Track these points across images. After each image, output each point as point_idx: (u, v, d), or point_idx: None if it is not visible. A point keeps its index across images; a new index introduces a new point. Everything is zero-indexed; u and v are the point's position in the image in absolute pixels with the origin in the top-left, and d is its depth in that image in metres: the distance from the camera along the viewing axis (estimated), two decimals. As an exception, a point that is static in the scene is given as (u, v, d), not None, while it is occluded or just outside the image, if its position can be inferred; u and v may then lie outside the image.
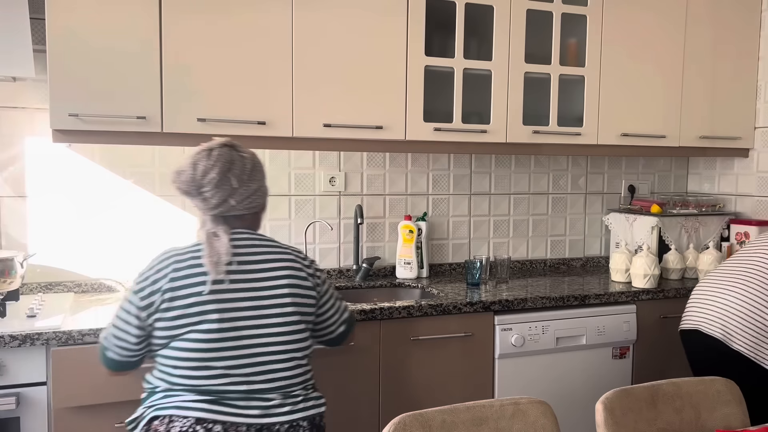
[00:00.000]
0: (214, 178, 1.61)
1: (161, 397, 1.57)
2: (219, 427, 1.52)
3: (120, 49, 2.16)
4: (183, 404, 1.53)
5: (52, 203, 2.46)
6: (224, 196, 1.63)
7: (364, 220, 2.77)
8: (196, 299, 1.56)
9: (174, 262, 1.59)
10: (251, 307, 1.59)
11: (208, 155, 1.63)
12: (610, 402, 1.62)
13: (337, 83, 2.43)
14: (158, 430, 1.53)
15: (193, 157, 1.64)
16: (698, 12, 3.01)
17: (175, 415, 1.52)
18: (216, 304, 1.56)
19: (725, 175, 3.35)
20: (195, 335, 1.55)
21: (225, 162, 1.63)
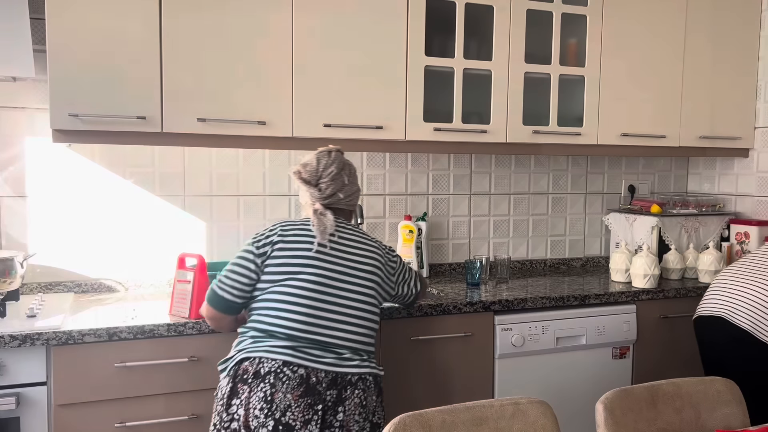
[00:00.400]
0: (332, 172, 1.96)
1: (250, 342, 1.80)
2: (302, 370, 1.74)
3: (120, 49, 2.16)
4: (271, 349, 1.76)
5: (52, 203, 2.46)
6: (335, 190, 1.96)
7: (364, 220, 2.77)
8: (301, 253, 1.86)
9: (282, 226, 1.92)
10: (342, 272, 1.88)
11: (328, 155, 1.99)
12: (610, 402, 1.62)
13: (337, 83, 2.43)
14: (248, 369, 1.74)
15: (317, 155, 1.99)
16: (698, 12, 3.01)
17: (264, 357, 1.75)
18: (316, 261, 1.86)
19: (725, 175, 3.35)
20: (293, 282, 1.83)
21: (340, 162, 1.99)
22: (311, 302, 1.82)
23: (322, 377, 1.75)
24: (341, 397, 1.76)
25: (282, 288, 1.83)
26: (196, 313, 2.10)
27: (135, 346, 2.01)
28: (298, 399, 1.71)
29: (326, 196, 1.95)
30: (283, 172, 2.76)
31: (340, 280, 1.87)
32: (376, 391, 1.85)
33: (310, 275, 1.84)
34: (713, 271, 2.84)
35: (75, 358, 1.95)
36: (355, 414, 1.77)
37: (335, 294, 1.85)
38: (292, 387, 1.71)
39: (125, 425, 2.00)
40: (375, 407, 1.84)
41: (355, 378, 1.80)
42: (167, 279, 2.59)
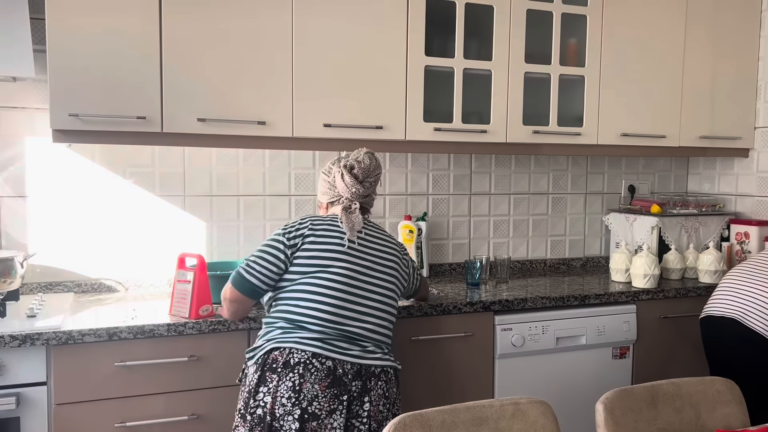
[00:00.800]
0: (378, 174, 2.05)
1: (279, 333, 1.85)
2: (330, 362, 1.79)
3: (120, 50, 2.16)
4: (300, 340, 1.81)
5: (52, 203, 2.46)
6: (371, 191, 2.04)
7: (364, 220, 2.77)
8: (332, 248, 1.91)
9: (312, 221, 1.97)
10: (369, 267, 1.94)
11: (371, 157, 2.04)
12: (610, 402, 1.62)
13: (337, 83, 2.43)
14: (278, 359, 1.79)
15: (368, 154, 2.03)
16: (698, 12, 3.01)
17: (294, 348, 1.80)
18: (346, 255, 1.91)
19: (725, 175, 3.35)
20: (324, 275, 1.88)
21: (380, 165, 2.07)
22: (341, 295, 1.87)
23: (348, 369, 1.81)
24: (366, 388, 1.82)
25: (312, 280, 1.88)
26: (196, 313, 2.10)
27: (135, 346, 2.01)
28: (325, 390, 1.76)
29: (364, 195, 2.02)
30: (283, 172, 2.76)
31: (367, 275, 1.93)
32: (396, 384, 1.92)
33: (340, 269, 1.89)
34: (713, 271, 2.84)
35: (75, 358, 1.95)
36: (380, 404, 1.83)
37: (363, 288, 1.91)
38: (320, 378, 1.77)
39: (125, 425, 2.00)
40: (395, 399, 1.91)
41: (378, 370, 1.85)
42: (167, 279, 2.59)
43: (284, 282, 1.92)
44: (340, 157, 2.06)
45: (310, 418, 1.74)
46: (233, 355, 2.11)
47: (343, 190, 2.01)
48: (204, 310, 2.11)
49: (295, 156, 2.78)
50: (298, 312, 1.86)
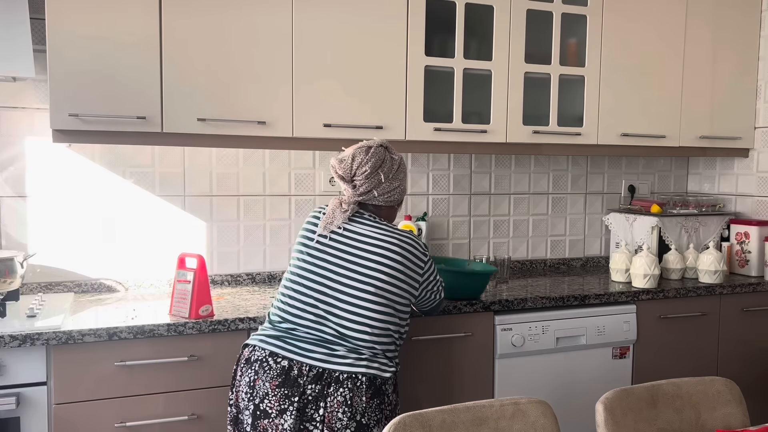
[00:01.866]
0: (366, 171, 1.91)
1: (261, 329, 1.90)
2: (285, 362, 1.78)
3: (120, 49, 2.16)
4: (263, 338, 1.85)
5: (52, 203, 2.46)
6: (370, 187, 1.92)
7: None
8: (303, 241, 1.91)
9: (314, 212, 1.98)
10: (347, 268, 1.85)
11: (366, 152, 1.93)
12: (610, 402, 1.62)
13: (337, 83, 2.43)
14: (244, 355, 1.86)
15: (353, 151, 1.94)
16: (698, 12, 3.01)
17: (257, 346, 1.83)
18: (314, 251, 1.88)
19: (725, 175, 3.35)
20: (294, 270, 1.89)
21: (378, 160, 1.93)
22: (310, 293, 1.85)
23: (306, 371, 1.77)
24: (324, 393, 1.76)
25: (289, 276, 1.90)
26: (196, 313, 2.10)
27: (135, 346, 2.01)
28: (275, 388, 1.76)
29: (361, 193, 1.93)
30: (283, 172, 2.76)
31: (343, 275, 1.84)
32: (368, 393, 1.79)
33: (307, 265, 1.88)
34: (713, 271, 2.84)
35: (75, 358, 1.95)
36: (338, 411, 1.75)
37: (333, 288, 1.84)
38: (272, 377, 1.77)
39: (125, 425, 2.00)
40: (365, 408, 1.78)
41: (343, 376, 1.77)
42: (167, 279, 2.59)
43: None
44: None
45: (261, 415, 1.76)
46: (233, 355, 2.11)
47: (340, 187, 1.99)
48: (204, 310, 2.11)
49: (295, 156, 2.78)
50: (276, 307, 1.90)
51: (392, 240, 1.88)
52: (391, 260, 1.86)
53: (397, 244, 1.88)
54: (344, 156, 1.94)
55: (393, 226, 1.95)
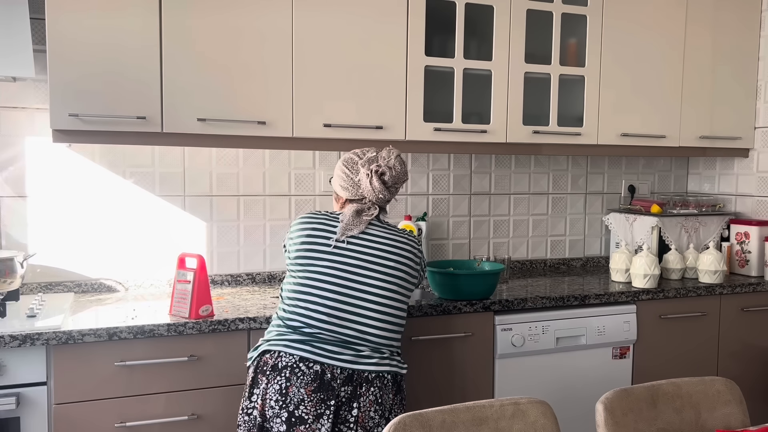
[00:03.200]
0: (405, 180, 2.00)
1: (275, 335, 1.85)
2: (318, 366, 1.78)
3: (120, 49, 2.16)
4: (289, 344, 1.81)
5: (52, 203, 2.46)
6: (394, 195, 1.99)
7: (364, 220, 2.77)
8: (319, 247, 1.88)
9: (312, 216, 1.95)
10: (366, 268, 1.87)
11: (403, 160, 1.99)
12: (610, 402, 1.62)
13: (337, 83, 2.43)
14: (268, 362, 1.80)
15: (398, 158, 1.97)
16: (698, 12, 3.01)
17: (283, 351, 1.80)
18: (333, 255, 1.87)
19: (725, 175, 3.35)
20: (312, 274, 1.86)
21: (407, 170, 2.01)
22: (332, 296, 1.84)
23: (338, 374, 1.78)
24: (356, 394, 1.79)
25: (303, 280, 1.87)
26: (196, 313, 2.10)
27: (135, 346, 2.01)
28: (311, 394, 1.75)
29: (388, 199, 1.97)
30: (283, 172, 2.76)
31: (362, 275, 1.87)
32: (393, 389, 1.87)
33: (326, 269, 1.86)
34: (713, 271, 2.84)
35: (75, 358, 1.95)
36: (371, 410, 1.80)
37: (357, 289, 1.86)
38: (306, 382, 1.76)
39: (125, 425, 2.00)
40: (392, 405, 1.86)
41: (372, 375, 1.82)
42: (167, 279, 2.59)
43: (287, 275, 1.94)
44: (370, 157, 1.98)
45: (297, 422, 1.74)
46: (233, 355, 2.11)
47: (368, 192, 1.95)
48: (204, 310, 2.11)
49: (295, 156, 2.78)
50: (292, 312, 1.85)
51: (403, 239, 1.97)
52: (405, 258, 1.94)
53: (407, 243, 1.97)
54: (391, 162, 1.96)
55: (395, 226, 2.01)
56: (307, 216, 1.97)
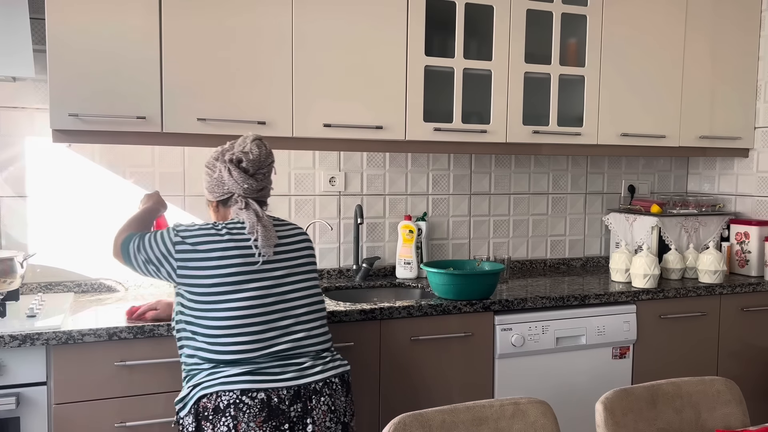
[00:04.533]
0: (271, 162, 1.85)
1: (206, 375, 1.70)
2: (262, 394, 1.67)
3: (120, 49, 2.16)
4: (227, 380, 1.67)
5: (52, 203, 2.46)
6: (267, 183, 1.86)
7: (364, 220, 2.77)
8: (240, 269, 1.73)
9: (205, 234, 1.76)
10: (287, 275, 1.78)
11: (263, 143, 1.84)
12: (610, 402, 1.62)
13: (337, 83, 2.43)
14: (207, 406, 1.66)
15: (256, 143, 1.82)
16: (698, 12, 3.01)
17: (221, 391, 1.66)
18: (259, 273, 1.74)
19: (725, 175, 3.35)
20: (236, 303, 1.70)
21: (271, 153, 1.87)
22: (261, 318, 1.72)
23: (285, 395, 1.69)
24: (307, 409, 1.71)
25: (229, 311, 1.70)
26: None
27: (135, 346, 2.01)
28: (262, 424, 1.65)
29: (259, 189, 1.82)
30: (283, 172, 2.76)
31: (286, 284, 1.78)
32: (344, 391, 1.81)
33: (254, 290, 1.73)
34: (713, 271, 2.84)
35: (75, 358, 1.95)
36: (326, 421, 1.73)
37: (284, 299, 1.77)
38: (254, 414, 1.65)
39: (125, 425, 2.00)
40: (345, 407, 1.81)
41: (320, 385, 1.75)
42: (167, 279, 2.59)
43: (188, 303, 1.74)
44: (224, 149, 1.84)
45: None
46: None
47: (233, 186, 1.80)
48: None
49: (295, 156, 2.78)
50: (219, 350, 1.70)
51: (301, 231, 1.92)
52: (310, 252, 1.90)
53: (304, 234, 1.93)
54: (246, 147, 1.80)
55: (283, 219, 1.93)
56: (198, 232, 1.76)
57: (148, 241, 1.80)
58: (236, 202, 1.82)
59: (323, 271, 2.82)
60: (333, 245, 2.86)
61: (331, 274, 2.85)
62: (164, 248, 1.77)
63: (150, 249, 1.79)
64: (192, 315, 1.74)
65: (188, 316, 1.75)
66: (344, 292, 2.71)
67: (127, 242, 1.85)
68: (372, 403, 2.29)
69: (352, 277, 2.83)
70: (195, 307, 1.73)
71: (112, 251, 1.92)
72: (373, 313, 2.26)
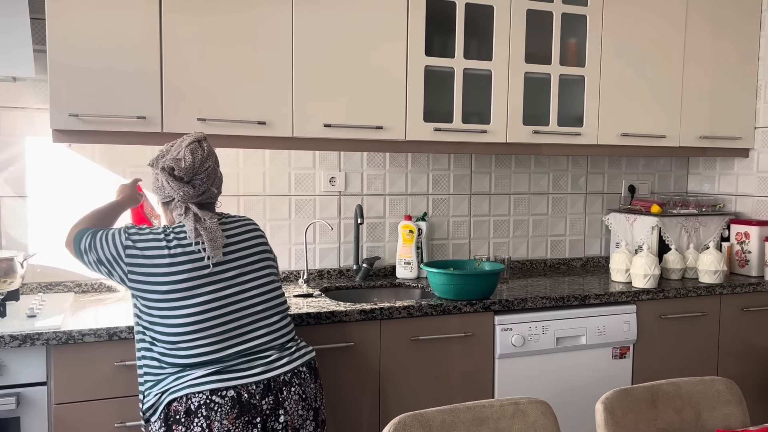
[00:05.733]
0: (209, 167, 1.78)
1: (173, 380, 1.68)
2: (232, 392, 1.66)
3: (120, 50, 2.16)
4: (195, 381, 1.66)
5: (52, 203, 2.46)
6: (209, 185, 1.79)
7: (364, 220, 2.77)
8: (193, 274, 1.70)
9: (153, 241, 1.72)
10: (241, 274, 1.76)
11: (201, 147, 1.78)
12: (610, 402, 1.62)
13: (337, 83, 2.43)
14: (178, 410, 1.65)
15: (190, 147, 1.75)
16: (698, 12, 3.01)
17: (190, 393, 1.65)
18: (212, 276, 1.72)
19: (725, 175, 3.35)
20: (192, 308, 1.68)
21: (213, 153, 1.81)
22: (221, 320, 1.71)
23: (254, 389, 1.69)
24: (278, 401, 1.72)
25: (188, 317, 1.68)
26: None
27: (135, 346, 2.01)
28: (235, 421, 1.65)
29: (199, 193, 1.77)
30: (283, 172, 2.76)
31: (240, 283, 1.76)
32: (312, 378, 1.82)
33: (209, 294, 1.71)
34: (713, 272, 2.84)
35: (75, 358, 1.95)
36: (298, 409, 1.75)
37: (241, 299, 1.75)
38: (226, 412, 1.65)
39: (125, 425, 2.00)
40: (315, 393, 1.83)
41: (288, 376, 1.75)
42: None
43: (143, 309, 1.72)
44: (160, 154, 1.80)
45: None
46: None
47: (171, 192, 1.76)
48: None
49: (295, 156, 2.78)
50: (181, 354, 1.68)
51: (251, 226, 1.88)
52: (262, 243, 1.86)
53: (256, 227, 1.89)
54: (179, 154, 1.74)
55: (228, 214, 1.89)
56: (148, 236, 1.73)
57: (100, 240, 1.75)
58: (176, 207, 1.78)
59: (323, 271, 2.82)
60: (333, 245, 2.86)
61: (331, 274, 2.85)
62: (114, 251, 1.73)
63: (101, 248, 1.75)
64: (148, 321, 1.71)
65: (145, 322, 1.72)
66: (344, 292, 2.71)
67: (78, 237, 1.80)
68: (372, 403, 2.29)
69: (353, 277, 2.83)
70: (151, 313, 1.70)
71: (64, 241, 1.87)
72: (374, 313, 2.26)
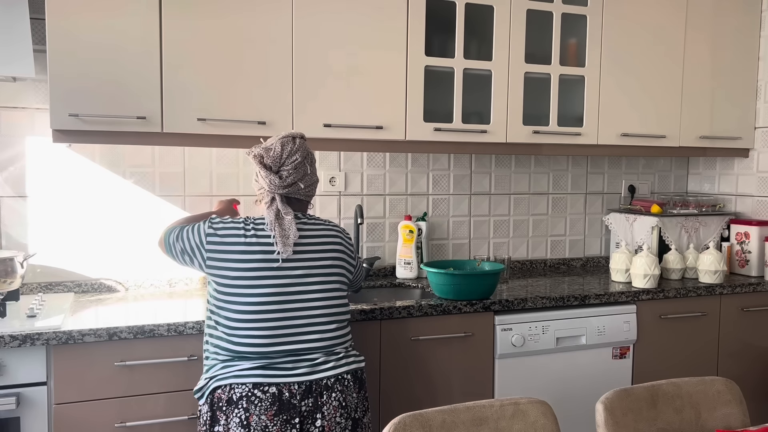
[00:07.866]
0: (296, 161, 1.86)
1: (221, 368, 1.76)
2: (273, 389, 1.72)
3: (120, 50, 2.16)
4: (240, 373, 1.73)
5: (52, 203, 2.46)
6: (296, 179, 1.86)
7: (364, 220, 2.77)
8: (259, 264, 1.78)
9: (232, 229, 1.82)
10: (307, 275, 1.82)
11: (293, 141, 1.88)
12: (610, 402, 1.62)
13: (337, 83, 2.43)
14: (221, 397, 1.73)
15: (281, 140, 1.87)
16: (698, 12, 3.01)
17: (234, 383, 1.72)
18: (277, 270, 1.78)
19: (725, 175, 3.35)
20: (252, 298, 1.76)
21: (304, 150, 1.90)
22: (276, 315, 1.77)
23: (296, 390, 1.73)
24: (317, 404, 1.75)
25: (246, 306, 1.76)
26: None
27: (135, 346, 2.01)
28: (273, 418, 1.70)
29: (286, 185, 1.85)
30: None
31: (304, 284, 1.81)
32: (356, 387, 1.84)
33: (270, 288, 1.77)
34: (713, 272, 2.84)
35: (75, 358, 1.95)
36: (336, 416, 1.77)
37: (300, 299, 1.80)
38: (266, 407, 1.70)
39: (125, 425, 2.00)
40: (357, 404, 1.84)
41: (331, 381, 1.78)
42: (167, 279, 2.59)
43: (214, 293, 1.81)
44: (256, 145, 1.91)
45: None
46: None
47: (264, 182, 1.85)
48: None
49: (295, 156, 2.77)
50: (235, 341, 1.76)
51: (333, 232, 1.93)
52: (339, 251, 1.91)
53: (337, 235, 1.94)
54: (270, 144, 1.87)
55: (320, 218, 1.96)
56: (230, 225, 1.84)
57: (186, 233, 1.88)
58: (264, 197, 1.88)
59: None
60: (333, 245, 2.86)
61: (331, 274, 2.84)
62: (198, 239, 1.84)
63: (186, 239, 1.86)
64: (215, 305, 1.80)
65: (213, 305, 1.82)
66: (344, 292, 2.71)
67: (168, 232, 1.94)
68: (372, 403, 2.29)
69: (352, 277, 2.83)
70: (219, 297, 1.79)
71: (157, 241, 2.03)
72: (373, 313, 2.26)
